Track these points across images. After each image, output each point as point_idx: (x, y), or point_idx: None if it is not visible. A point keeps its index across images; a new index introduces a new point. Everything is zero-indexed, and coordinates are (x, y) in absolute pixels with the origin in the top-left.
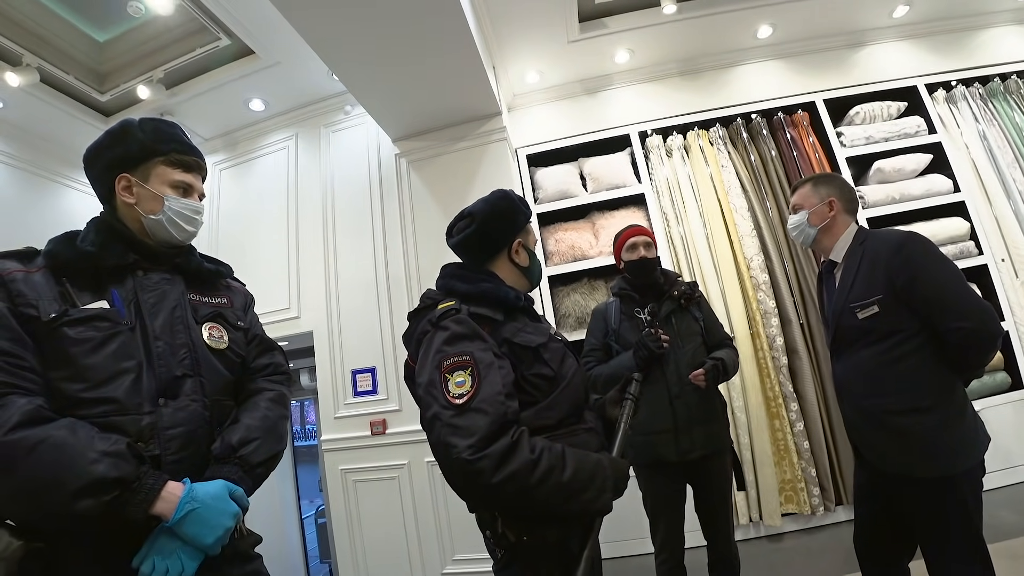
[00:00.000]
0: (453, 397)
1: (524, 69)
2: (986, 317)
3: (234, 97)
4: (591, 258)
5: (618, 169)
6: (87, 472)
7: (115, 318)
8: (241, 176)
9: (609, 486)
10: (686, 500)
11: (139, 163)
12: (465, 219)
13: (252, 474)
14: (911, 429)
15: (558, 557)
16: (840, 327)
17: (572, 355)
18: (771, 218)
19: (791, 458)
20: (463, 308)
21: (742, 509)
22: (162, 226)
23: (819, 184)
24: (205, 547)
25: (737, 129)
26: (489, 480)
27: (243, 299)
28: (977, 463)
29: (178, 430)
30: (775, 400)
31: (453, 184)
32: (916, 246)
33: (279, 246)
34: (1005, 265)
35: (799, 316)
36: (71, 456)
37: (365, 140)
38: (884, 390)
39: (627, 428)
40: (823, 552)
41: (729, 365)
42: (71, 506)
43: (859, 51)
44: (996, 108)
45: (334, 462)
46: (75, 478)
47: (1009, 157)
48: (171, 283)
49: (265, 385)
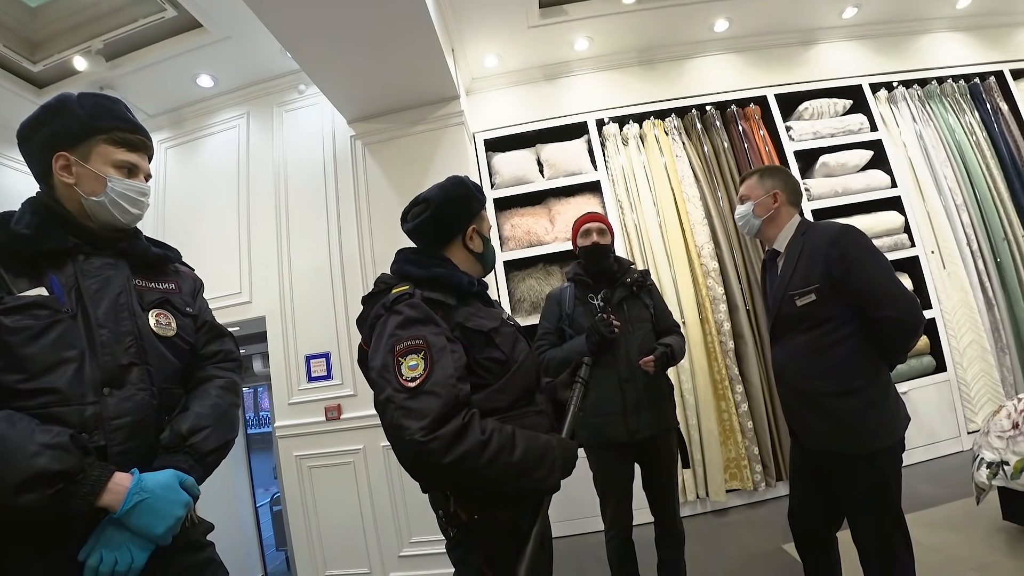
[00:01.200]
0: (406, 380)
1: (483, 53)
2: (911, 307)
3: (181, 72)
4: (547, 244)
5: (575, 156)
6: (28, 466)
7: (55, 306)
8: (188, 155)
9: (558, 466)
10: (634, 479)
11: (78, 141)
12: (420, 204)
13: (203, 463)
14: (841, 410)
15: (509, 535)
16: (780, 313)
17: (524, 339)
18: (722, 208)
19: (736, 437)
20: (416, 293)
21: (690, 486)
22: (104, 208)
23: (765, 176)
24: (155, 537)
25: (692, 120)
26: (441, 460)
27: (192, 284)
28: (898, 441)
29: (124, 420)
30: (721, 383)
31: (409, 168)
32: (851, 239)
33: (230, 229)
34: (934, 257)
35: (746, 303)
36: (10, 450)
37: (320, 121)
38: (818, 373)
39: (577, 410)
40: (764, 525)
41: (677, 351)
42: (13, 500)
43: (810, 48)
44: (932, 109)
45: (289, 448)
46: (15, 472)
47: (942, 156)
48: (115, 268)
49: (215, 372)
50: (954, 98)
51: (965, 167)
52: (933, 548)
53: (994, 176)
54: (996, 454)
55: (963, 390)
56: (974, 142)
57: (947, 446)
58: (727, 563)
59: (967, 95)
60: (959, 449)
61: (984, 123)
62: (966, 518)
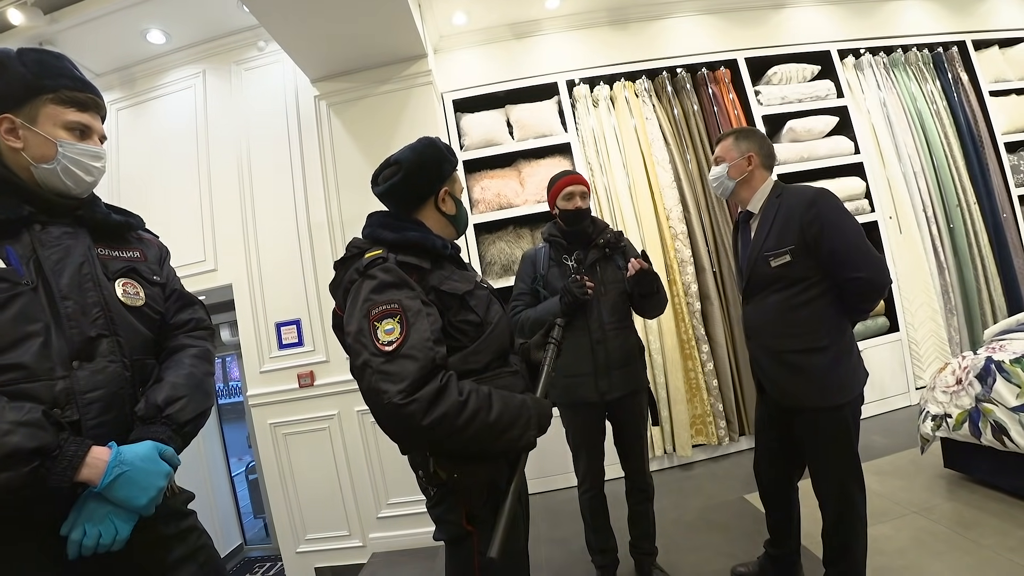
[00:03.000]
0: (382, 344)
1: (451, 9)
2: (880, 269)
3: (129, 27)
4: (517, 206)
5: (545, 118)
6: (1, 445)
7: (13, 277)
8: (142, 116)
9: (533, 423)
10: (605, 436)
11: (22, 102)
12: (391, 167)
13: (180, 433)
14: (807, 366)
15: (488, 492)
16: (753, 274)
17: (498, 302)
18: (691, 171)
19: (701, 395)
20: (390, 257)
21: (658, 442)
22: (56, 175)
23: (740, 138)
24: (138, 508)
25: (662, 82)
26: (420, 423)
27: (157, 252)
28: (858, 395)
29: (97, 393)
30: (688, 343)
31: (376, 129)
32: (826, 203)
33: (190, 194)
34: (892, 222)
35: (712, 265)
36: None
37: (282, 80)
38: (788, 331)
39: (550, 370)
40: (728, 477)
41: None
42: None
43: (780, 12)
44: (896, 77)
45: (263, 417)
46: None
47: (903, 124)
48: (74, 237)
49: (188, 341)
50: (917, 66)
51: (924, 135)
52: (882, 494)
53: (951, 144)
54: (940, 407)
55: (913, 349)
56: (934, 111)
57: (897, 401)
58: (693, 512)
59: (930, 64)
60: (907, 404)
61: (944, 92)
62: (912, 466)
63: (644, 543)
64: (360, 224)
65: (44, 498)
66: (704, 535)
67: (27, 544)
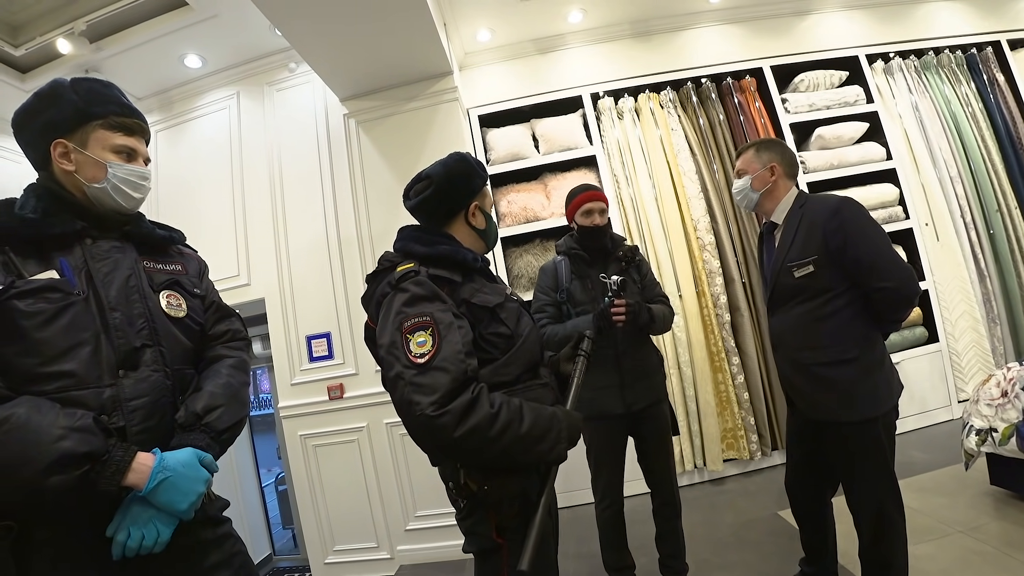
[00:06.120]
0: (415, 357)
1: (476, 26)
2: (907, 278)
3: (168, 52)
4: (543, 219)
5: (570, 131)
6: (55, 449)
7: (66, 288)
8: (179, 138)
9: (564, 436)
10: (627, 452)
11: (75, 128)
12: (423, 181)
13: (218, 440)
14: (837, 378)
15: (518, 504)
16: (777, 284)
17: (527, 314)
18: (718, 181)
19: (732, 408)
20: (422, 270)
21: (687, 456)
22: (107, 194)
23: (761, 150)
24: (179, 513)
25: (687, 93)
26: (452, 435)
27: (197, 266)
28: (891, 408)
29: (141, 401)
30: (718, 355)
31: (404, 145)
32: (850, 211)
33: (225, 211)
34: (928, 229)
35: (741, 275)
36: (36, 433)
37: (312, 99)
38: (815, 343)
39: (580, 383)
40: (759, 492)
41: (657, 315)
42: (42, 482)
43: (806, 19)
44: (928, 80)
45: (293, 428)
46: (43, 455)
47: (937, 128)
48: (122, 251)
49: (225, 352)
50: (950, 68)
51: (960, 139)
52: (923, 512)
53: (989, 147)
54: (985, 421)
55: (954, 360)
56: (970, 113)
57: (938, 415)
58: (725, 530)
59: (963, 66)
60: (949, 418)
61: (980, 94)
62: (955, 483)
63: (674, 562)
64: (389, 239)
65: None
66: (736, 552)
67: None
